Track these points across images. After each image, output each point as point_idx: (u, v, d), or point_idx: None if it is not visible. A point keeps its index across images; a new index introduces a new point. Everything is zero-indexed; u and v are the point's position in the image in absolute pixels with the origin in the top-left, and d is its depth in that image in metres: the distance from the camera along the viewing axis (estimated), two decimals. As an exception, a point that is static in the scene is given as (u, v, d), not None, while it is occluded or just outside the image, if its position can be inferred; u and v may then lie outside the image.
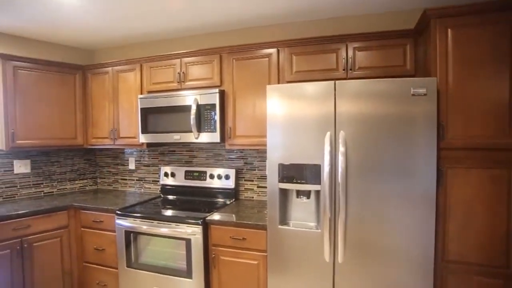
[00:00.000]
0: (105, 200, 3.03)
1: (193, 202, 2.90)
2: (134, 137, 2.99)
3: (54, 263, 2.77)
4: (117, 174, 3.58)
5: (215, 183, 2.94)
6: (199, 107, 2.60)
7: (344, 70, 2.29)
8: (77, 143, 3.23)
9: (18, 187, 3.18)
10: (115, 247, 2.68)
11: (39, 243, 2.69)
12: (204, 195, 2.99)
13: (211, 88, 2.62)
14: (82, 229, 2.87)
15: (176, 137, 2.68)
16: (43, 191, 3.32)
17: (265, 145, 2.47)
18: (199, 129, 2.61)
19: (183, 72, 2.76)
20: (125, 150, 3.52)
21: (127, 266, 2.59)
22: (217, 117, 2.55)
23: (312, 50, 2.36)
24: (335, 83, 1.90)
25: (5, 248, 2.53)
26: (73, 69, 3.18)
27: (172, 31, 3.03)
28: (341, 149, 1.87)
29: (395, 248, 1.83)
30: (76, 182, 3.55)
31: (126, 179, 3.53)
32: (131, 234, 2.56)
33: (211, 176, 2.95)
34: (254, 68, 2.52)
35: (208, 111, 2.58)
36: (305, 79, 2.37)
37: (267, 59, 2.48)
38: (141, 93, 2.94)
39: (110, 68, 3.09)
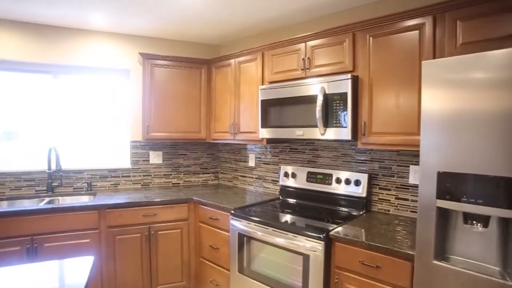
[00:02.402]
0: (223, 196, 2.94)
1: (315, 209, 2.49)
2: (254, 132, 2.79)
3: (174, 253, 2.82)
4: (237, 170, 3.49)
5: (342, 189, 2.46)
6: (326, 97, 2.17)
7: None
8: (200, 137, 3.25)
9: (152, 176, 3.41)
10: (228, 248, 2.52)
11: (163, 232, 2.77)
12: (327, 202, 2.54)
13: (341, 74, 2.15)
14: (200, 224, 2.84)
15: (298, 133, 2.33)
16: (171, 181, 3.49)
17: (410, 145, 1.87)
18: (326, 124, 2.18)
19: (308, 58, 2.38)
20: (246, 146, 3.39)
21: (239, 271, 2.38)
22: (349, 109, 2.07)
23: (488, 10, 1.62)
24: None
25: (137, 232, 2.68)
26: (199, 63, 3.21)
27: (296, 13, 2.68)
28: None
29: None
30: (200, 175, 3.63)
31: (245, 177, 3.40)
32: (245, 238, 2.34)
33: (338, 181, 2.48)
34: (398, 46, 1.94)
35: (337, 102, 2.12)
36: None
37: (417, 31, 1.86)
38: (262, 84, 2.70)
39: (232, 60, 2.98)
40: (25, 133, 3.11)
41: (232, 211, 2.45)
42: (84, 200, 2.99)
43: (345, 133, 2.09)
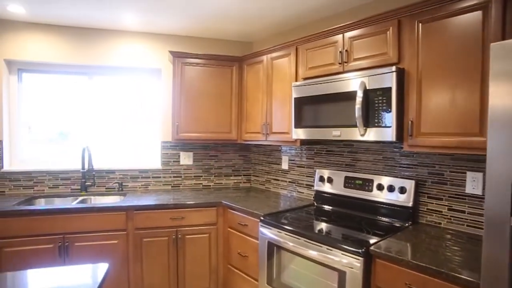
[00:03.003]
0: (254, 201, 2.78)
1: (353, 218, 2.24)
2: (286, 133, 2.60)
3: (202, 259, 2.70)
4: (270, 173, 3.31)
5: (384, 197, 2.19)
6: (367, 93, 1.93)
7: None
8: (231, 138, 3.12)
9: (183, 177, 3.34)
10: (257, 257, 2.35)
11: (191, 236, 2.67)
12: (367, 210, 2.28)
13: (384, 67, 1.89)
14: (229, 229, 2.70)
15: (335, 133, 2.10)
16: (201, 183, 3.40)
17: (468, 147, 1.59)
18: (366, 123, 1.93)
19: (346, 51, 2.15)
20: (279, 148, 3.20)
21: (268, 283, 2.20)
22: (393, 107, 1.81)
23: None
24: None
25: (164, 235, 2.61)
26: (230, 61, 3.08)
27: (331, 4, 2.46)
28: None
29: None
30: (231, 178, 3.50)
31: (278, 180, 3.21)
32: (275, 247, 2.15)
33: (379, 187, 2.21)
34: (454, 32, 1.65)
35: (380, 98, 1.87)
36: None
37: (480, 12, 1.56)
38: (296, 81, 2.51)
39: (264, 57, 2.82)
40: (68, 133, 3.18)
41: (262, 218, 2.28)
42: (114, 200, 2.99)
43: (388, 134, 1.84)
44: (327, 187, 2.56)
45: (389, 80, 1.82)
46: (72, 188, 3.06)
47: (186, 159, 3.34)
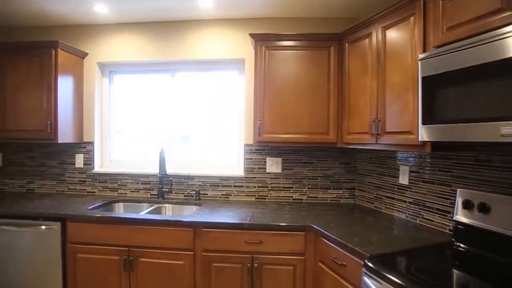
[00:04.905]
0: (357, 227, 1.99)
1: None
2: (408, 132, 1.75)
3: (286, 298, 2.06)
4: (382, 188, 2.45)
5: None
6: None
7: None
8: (329, 140, 2.40)
9: (269, 188, 2.77)
10: (360, 318, 1.57)
11: (271, 267, 2.05)
12: None
13: None
14: (320, 264, 1.97)
15: (504, 131, 1.18)
16: (292, 196, 2.76)
17: None
18: None
19: (527, -16, 1.21)
20: (395, 154, 2.32)
21: None
22: None
23: None
24: None
25: (237, 261, 2.08)
26: (327, 40, 2.37)
27: None
28: None
29: None
30: (329, 191, 2.75)
31: (393, 198, 2.33)
32: (388, 313, 1.35)
33: None
34: None
35: None
36: None
37: None
38: (424, 51, 1.64)
39: (373, 27, 2.02)
40: (151, 134, 3.02)
41: (367, 261, 1.50)
42: (189, 210, 2.63)
43: None
44: (478, 219, 1.59)
45: None
46: (151, 193, 2.85)
47: (273, 166, 2.76)
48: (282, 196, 2.76)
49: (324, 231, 1.90)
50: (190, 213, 2.31)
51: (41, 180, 3.01)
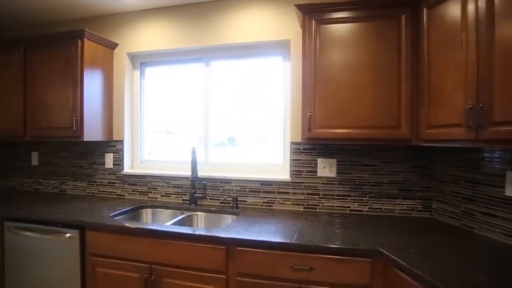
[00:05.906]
0: (448, 255, 1.42)
1: None
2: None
3: None
4: (473, 200, 1.82)
5: None
6: None
7: None
8: (400, 136, 1.84)
9: (320, 195, 2.28)
10: None
11: (324, 302, 1.56)
12: None
13: None
14: (395, 307, 1.44)
15: None
16: (349, 207, 2.23)
17: None
18: None
19: None
20: (500, 155, 1.70)
21: None
22: None
23: None
24: None
25: (282, 289, 1.61)
26: (396, 6, 1.82)
27: None
28: None
29: None
30: (397, 201, 2.18)
31: (495, 216, 1.70)
32: None
33: None
34: None
35: None
36: None
37: None
38: None
39: (474, -27, 1.44)
40: (184, 131, 2.69)
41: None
42: (224, 221, 2.23)
43: None
44: None
45: None
46: (183, 198, 2.50)
47: (326, 168, 2.26)
48: (337, 206, 2.24)
49: (401, 262, 1.37)
50: (224, 226, 1.90)
51: (73, 181, 2.82)
